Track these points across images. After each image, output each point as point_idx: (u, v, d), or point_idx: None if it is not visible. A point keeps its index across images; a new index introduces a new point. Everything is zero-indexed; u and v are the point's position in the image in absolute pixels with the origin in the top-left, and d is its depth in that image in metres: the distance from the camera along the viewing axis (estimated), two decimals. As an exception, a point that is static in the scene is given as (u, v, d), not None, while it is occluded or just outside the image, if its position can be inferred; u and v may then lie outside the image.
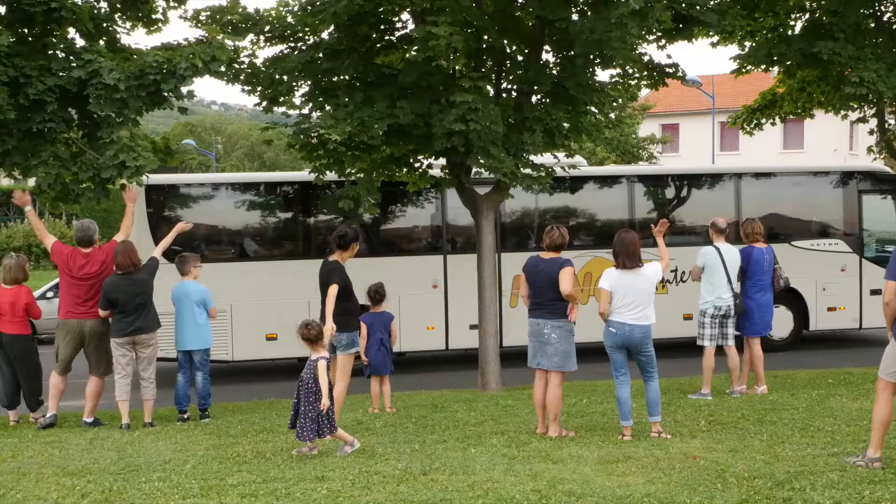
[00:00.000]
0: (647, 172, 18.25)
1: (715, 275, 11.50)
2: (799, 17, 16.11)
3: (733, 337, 11.68)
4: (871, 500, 6.51)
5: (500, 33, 12.41)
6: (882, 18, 15.46)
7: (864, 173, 17.68)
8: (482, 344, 13.05)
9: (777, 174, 18.09)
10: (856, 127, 28.31)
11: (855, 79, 13.91)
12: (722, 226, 11.77)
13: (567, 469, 7.72)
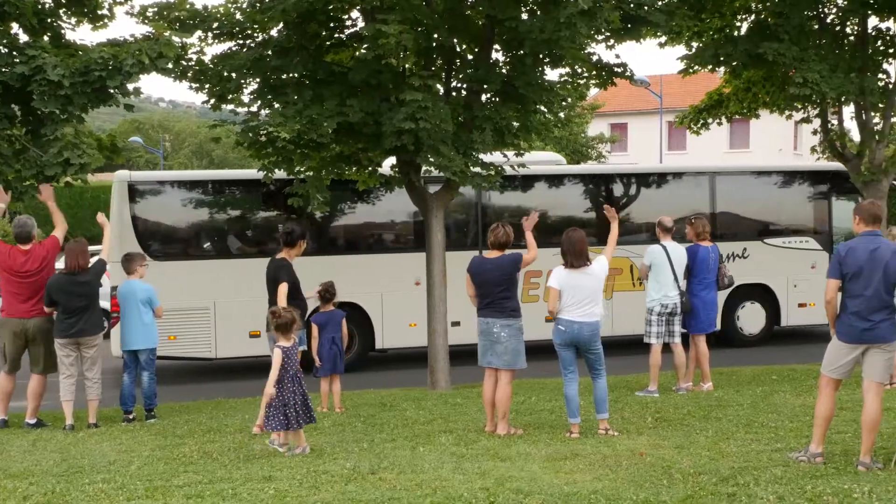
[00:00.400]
0: (630, 171, 18.48)
1: (662, 273, 11.62)
2: (745, 19, 16.31)
3: (680, 335, 11.80)
4: (812, 494, 6.61)
5: (450, 32, 12.43)
6: (825, 20, 15.71)
7: (835, 173, 18.12)
8: (431, 343, 13.07)
9: (751, 173, 18.60)
10: (800, 127, 28.74)
11: (799, 79, 14.11)
12: (668, 224, 11.88)
13: (515, 467, 7.75)
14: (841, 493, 6.57)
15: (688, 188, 18.15)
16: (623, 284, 16.93)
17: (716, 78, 18.21)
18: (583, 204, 17.76)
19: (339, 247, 16.76)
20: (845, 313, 7.52)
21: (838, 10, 15.58)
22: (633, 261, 16.66)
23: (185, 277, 11.61)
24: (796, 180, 18.52)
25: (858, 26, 15.70)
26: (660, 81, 42.61)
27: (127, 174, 15.67)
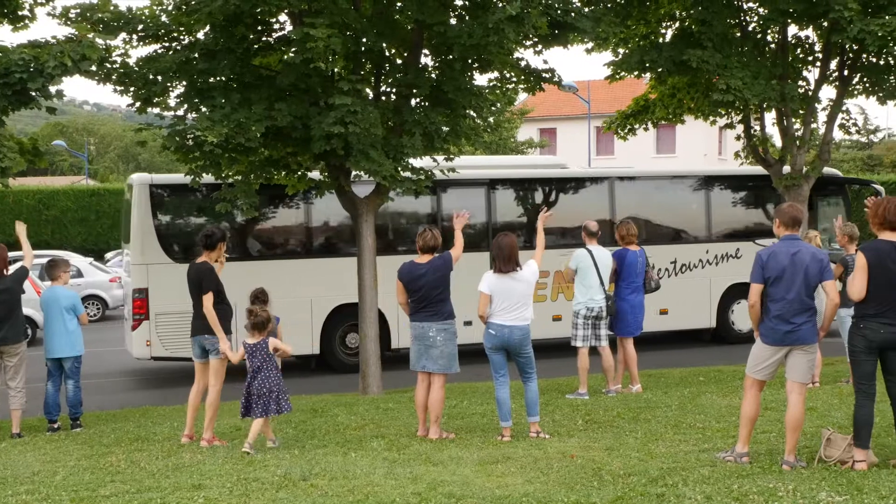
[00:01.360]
0: (620, 174, 18.92)
1: (587, 277, 11.72)
2: (669, 26, 16.57)
3: (606, 338, 11.91)
4: (739, 493, 6.73)
5: (379, 36, 12.41)
6: (747, 29, 16.04)
7: (820, 177, 18.46)
8: (363, 347, 13.03)
9: (737, 177, 19.08)
10: (724, 132, 29.29)
11: (722, 86, 14.37)
12: (593, 229, 11.98)
13: (447, 471, 7.76)
14: (766, 492, 6.70)
15: (684, 190, 18.75)
16: None
17: (642, 84, 18.46)
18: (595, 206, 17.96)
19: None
20: (768, 316, 7.67)
21: (759, 19, 15.91)
22: None
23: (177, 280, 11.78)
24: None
25: (779, 35, 16.06)
26: (587, 87, 43.07)
27: (148, 177, 15.82)
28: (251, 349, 9.09)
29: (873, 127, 58.93)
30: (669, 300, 17.06)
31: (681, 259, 17.83)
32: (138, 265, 15.03)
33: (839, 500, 6.46)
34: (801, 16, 14.83)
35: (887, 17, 13.40)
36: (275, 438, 9.24)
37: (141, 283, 14.90)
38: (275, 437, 9.29)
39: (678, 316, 17.59)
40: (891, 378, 7.53)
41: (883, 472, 7.24)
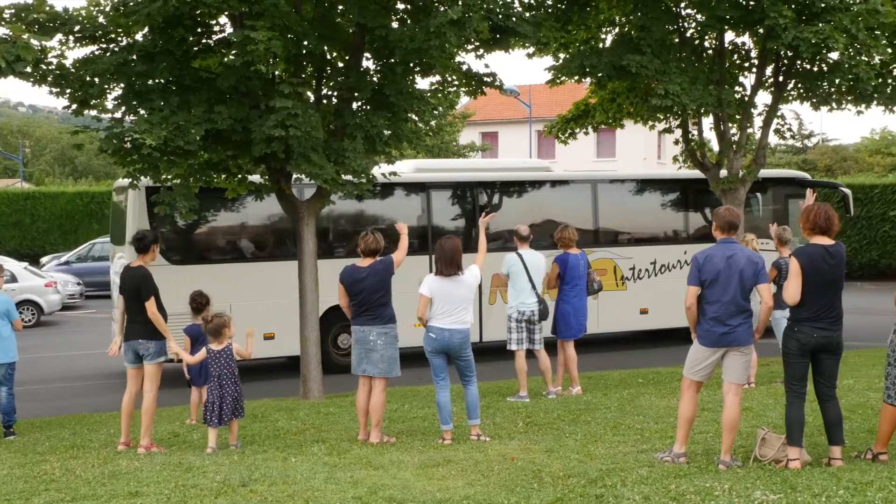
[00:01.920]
0: (607, 177, 19.52)
1: (518, 281, 11.79)
2: (609, 31, 16.74)
3: (541, 341, 11.98)
4: (676, 493, 6.82)
5: (320, 39, 12.36)
6: (685, 35, 16.24)
7: (790, 179, 19.52)
8: (304, 351, 12.95)
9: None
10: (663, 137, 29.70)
11: (661, 91, 14.54)
12: (524, 233, 12.06)
13: (388, 475, 7.75)
14: (703, 492, 6.79)
15: (668, 195, 19.21)
16: (608, 284, 17.50)
17: (583, 88, 18.62)
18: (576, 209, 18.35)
19: (347, 249, 16.69)
20: (705, 318, 7.79)
21: (697, 25, 16.12)
22: (617, 262, 17.86)
23: (201, 281, 11.70)
24: (759, 186, 19.36)
25: (716, 41, 16.29)
26: (529, 91, 43.34)
27: (144, 180, 15.55)
28: (215, 355, 9.19)
29: (808, 132, 60.08)
30: (650, 300, 17.46)
31: (660, 260, 18.23)
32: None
33: (773, 498, 6.57)
34: (737, 22, 15.07)
35: (820, 25, 13.66)
36: (226, 443, 9.29)
37: None
38: (215, 444, 9.22)
39: (658, 315, 17.90)
40: (821, 380, 7.70)
41: (816, 470, 7.39)
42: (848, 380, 11.40)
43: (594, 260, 17.20)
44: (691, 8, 15.96)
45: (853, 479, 6.98)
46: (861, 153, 55.92)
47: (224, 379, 9.20)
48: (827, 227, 7.61)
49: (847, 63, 14.25)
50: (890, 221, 29.78)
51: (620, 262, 17.88)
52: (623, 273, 17.92)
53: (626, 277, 17.92)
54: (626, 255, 17.96)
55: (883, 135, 58.62)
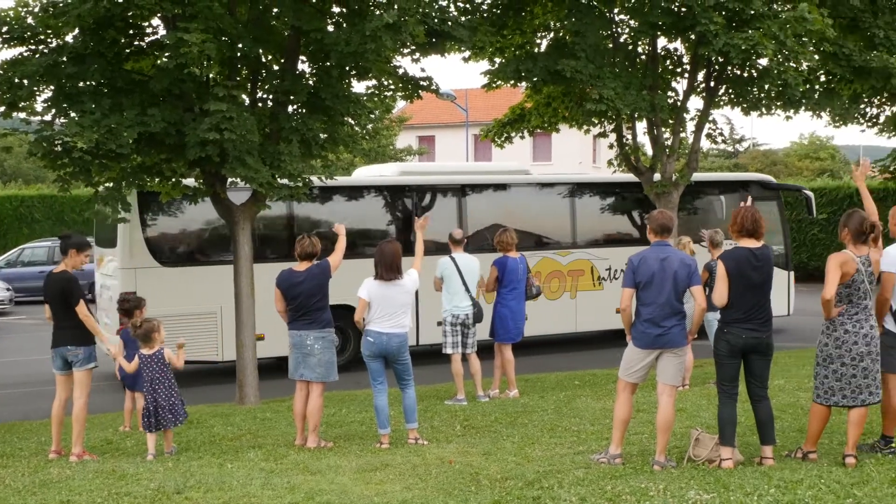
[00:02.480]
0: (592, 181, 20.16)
1: (452, 284, 11.82)
2: (544, 36, 16.86)
3: (474, 345, 12.02)
4: (612, 494, 6.88)
5: (255, 42, 12.26)
6: (619, 40, 16.44)
7: (756, 182, 20.03)
8: (240, 356, 12.84)
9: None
10: (598, 141, 30.03)
11: (595, 96, 14.70)
12: (457, 237, 12.11)
13: (325, 480, 7.72)
14: (638, 492, 6.87)
15: (636, 200, 19.26)
16: (584, 285, 18.03)
17: (518, 93, 18.72)
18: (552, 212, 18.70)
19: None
20: (639, 320, 7.89)
21: (630, 31, 16.33)
22: (594, 263, 18.25)
23: (192, 283, 11.54)
24: (727, 189, 20.11)
25: (649, 46, 16.51)
26: (465, 95, 43.46)
27: None
28: (147, 360, 9.11)
29: (739, 137, 61.21)
30: None
31: None
32: (127, 269, 15.10)
33: (707, 497, 6.67)
34: (669, 29, 15.29)
35: (750, 32, 13.91)
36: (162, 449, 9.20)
37: (129, 287, 14.93)
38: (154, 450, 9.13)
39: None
40: (753, 380, 7.83)
41: (748, 469, 7.51)
42: (779, 380, 11.62)
43: (573, 261, 17.43)
44: (625, 14, 16.16)
45: (784, 477, 7.11)
46: (790, 157, 57.12)
47: (157, 384, 9.10)
48: (753, 230, 7.74)
49: (776, 69, 14.53)
50: (818, 224, 30.42)
51: (598, 262, 18.27)
52: (600, 274, 18.31)
53: (603, 278, 18.33)
54: (602, 257, 18.36)
55: (811, 139, 59.99)
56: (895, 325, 7.88)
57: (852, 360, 7.54)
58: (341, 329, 15.54)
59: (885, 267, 7.84)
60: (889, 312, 7.89)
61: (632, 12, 15.51)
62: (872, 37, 15.64)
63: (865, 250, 7.65)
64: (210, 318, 14.98)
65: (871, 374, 7.58)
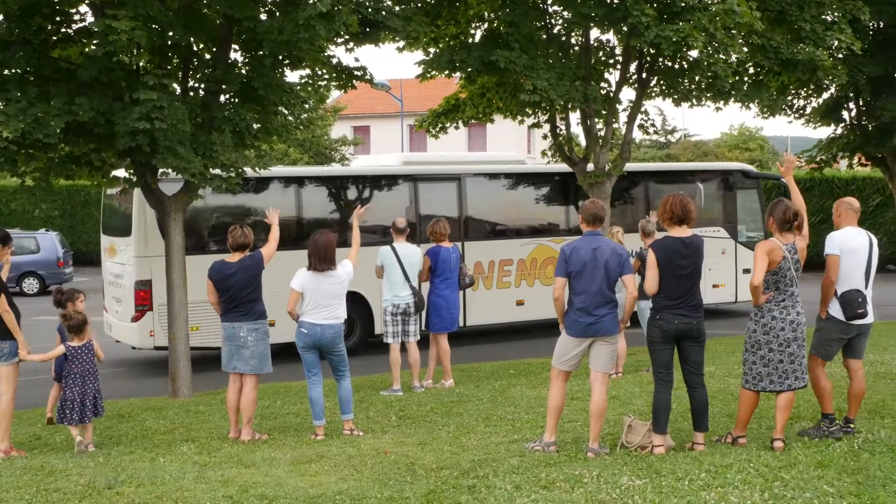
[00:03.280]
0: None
1: (392, 274, 11.82)
2: (479, 27, 16.89)
3: (415, 334, 12.03)
4: (546, 481, 6.94)
5: (186, 30, 12.09)
6: (552, 31, 16.53)
7: (738, 171, 20.67)
8: (172, 349, 12.69)
9: (670, 172, 21.63)
10: (533, 131, 30.21)
11: (529, 86, 14.77)
12: (401, 226, 12.10)
13: (260, 472, 7.67)
14: (572, 479, 6.94)
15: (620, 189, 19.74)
16: None
17: (453, 83, 18.74)
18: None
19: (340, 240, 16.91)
20: (572, 309, 7.95)
21: (564, 22, 16.43)
22: None
23: (204, 270, 11.21)
24: (709, 178, 20.73)
25: (582, 38, 16.64)
26: (400, 85, 43.34)
27: None
28: (76, 352, 8.95)
29: (671, 127, 61.94)
30: None
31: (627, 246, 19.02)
32: (142, 258, 15.33)
33: (639, 483, 6.76)
34: (602, 20, 15.41)
35: (681, 24, 14.09)
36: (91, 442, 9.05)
37: (144, 276, 15.22)
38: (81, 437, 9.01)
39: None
40: (689, 367, 7.95)
41: (679, 455, 7.63)
42: (709, 367, 11.76)
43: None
44: (558, 5, 16.25)
45: (714, 462, 7.24)
46: (721, 148, 57.97)
47: (87, 376, 8.96)
48: (684, 217, 7.85)
49: (706, 61, 14.74)
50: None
51: None
52: None
53: None
54: None
55: (741, 130, 60.94)
56: (840, 312, 8.05)
57: (779, 346, 7.71)
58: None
59: (829, 250, 8.04)
60: (834, 297, 8.06)
61: (565, 4, 15.60)
62: (799, 30, 15.92)
63: (791, 238, 7.82)
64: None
65: (798, 359, 7.75)
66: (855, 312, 7.99)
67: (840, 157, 20.22)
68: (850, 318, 8.02)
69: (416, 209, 17.80)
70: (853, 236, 8.13)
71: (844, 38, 15.90)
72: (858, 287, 8.04)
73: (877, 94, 18.01)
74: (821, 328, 8.21)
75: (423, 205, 17.90)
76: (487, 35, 16.27)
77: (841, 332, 8.11)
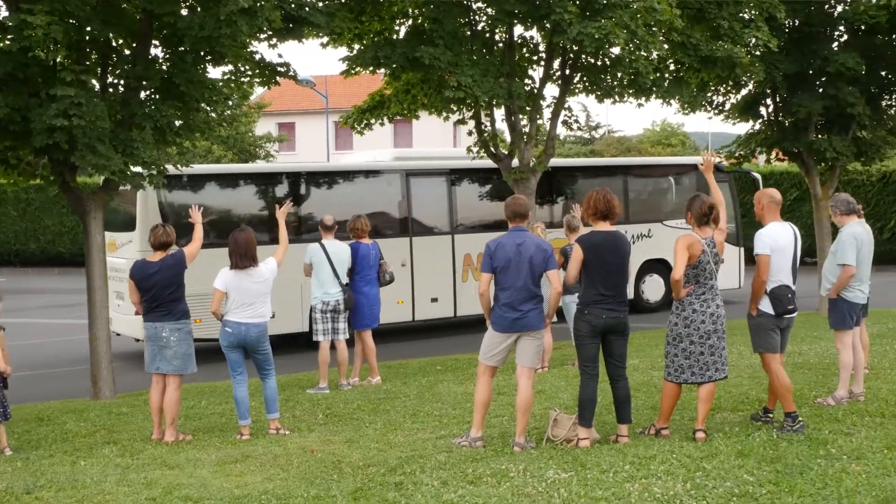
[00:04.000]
0: None
1: (321, 271, 11.77)
2: (403, 23, 16.85)
3: (345, 331, 11.99)
4: (473, 476, 6.99)
5: (105, 25, 11.84)
6: (477, 28, 16.57)
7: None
8: (94, 350, 12.44)
9: (644, 166, 22.42)
10: (458, 127, 30.32)
11: (453, 83, 14.78)
12: (328, 223, 12.05)
13: (184, 474, 7.58)
14: (499, 474, 6.99)
15: (565, 181, 20.56)
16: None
17: (378, 79, 18.68)
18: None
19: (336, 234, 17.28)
20: (498, 304, 8.00)
21: (488, 19, 16.47)
22: None
23: (210, 264, 10.90)
24: (681, 172, 21.51)
25: (506, 34, 16.70)
26: (325, 82, 43.11)
27: None
28: None
29: (594, 124, 62.64)
30: None
31: None
32: (146, 252, 14.46)
33: (565, 476, 6.84)
34: (525, 17, 15.48)
35: (602, 21, 14.22)
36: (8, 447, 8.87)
37: None
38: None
39: None
40: (612, 360, 8.06)
41: (604, 447, 7.74)
42: (633, 360, 11.95)
43: (554, 240, 18.31)
44: (482, 2, 16.28)
45: (638, 454, 7.36)
46: (644, 144, 58.78)
47: None
48: (607, 212, 7.95)
49: (627, 58, 14.91)
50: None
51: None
52: None
53: None
54: None
55: (663, 126, 61.89)
56: (770, 307, 8.20)
57: (700, 338, 7.85)
58: None
59: (759, 249, 8.18)
60: (765, 294, 8.21)
61: (489, 1, 15.64)
62: (718, 27, 16.19)
63: (709, 232, 7.97)
64: None
65: (718, 351, 7.91)
66: (785, 308, 8.16)
67: (758, 153, 20.61)
68: (781, 313, 8.18)
69: (408, 204, 18.26)
70: (780, 232, 8.29)
71: (761, 35, 16.21)
72: (786, 282, 8.20)
73: (793, 90, 18.38)
74: (754, 325, 8.34)
75: (414, 199, 18.34)
76: (412, 31, 16.24)
77: (774, 324, 8.26)
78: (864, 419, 8.35)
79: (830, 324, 9.40)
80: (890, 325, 15.01)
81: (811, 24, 18.19)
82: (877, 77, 18.47)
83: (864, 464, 6.86)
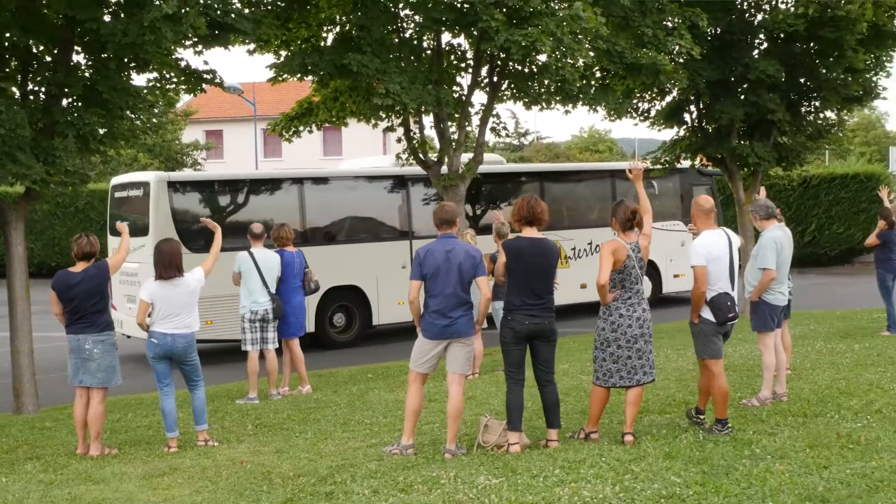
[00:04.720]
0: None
1: (250, 280, 11.66)
2: (330, 30, 16.79)
3: (274, 340, 11.88)
4: (405, 484, 6.97)
5: (25, 32, 11.61)
6: (404, 35, 16.58)
7: (692, 169, 21.70)
8: (16, 363, 12.17)
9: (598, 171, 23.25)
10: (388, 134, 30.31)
11: (382, 90, 14.76)
12: (257, 231, 11.94)
13: (110, 488, 7.44)
14: (430, 481, 6.98)
15: (523, 188, 21.08)
16: None
17: (306, 87, 18.59)
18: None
19: (342, 237, 18.59)
20: (428, 311, 8.00)
21: (416, 26, 16.48)
22: (561, 243, 18.52)
23: (220, 268, 10.62)
24: (666, 176, 21.71)
25: (434, 41, 16.74)
26: (253, 89, 42.76)
27: (165, 175, 17.37)
28: None
29: (524, 130, 63.09)
30: (589, 276, 19.14)
31: (595, 241, 20.08)
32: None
33: (496, 482, 6.86)
34: (452, 24, 15.52)
35: (529, 29, 14.34)
36: None
37: None
38: None
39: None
40: (539, 365, 8.10)
41: (534, 452, 7.78)
42: (563, 364, 12.07)
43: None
44: (410, 9, 16.29)
45: (568, 458, 7.41)
46: (572, 150, 59.44)
47: None
48: (533, 218, 8.00)
49: (554, 65, 15.04)
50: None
51: (564, 243, 19.37)
52: (566, 253, 19.97)
53: (569, 257, 20.05)
54: (568, 238, 19.90)
55: (591, 133, 62.66)
56: (711, 314, 8.29)
57: (627, 342, 7.94)
58: (346, 308, 17.98)
59: (694, 261, 8.23)
60: (704, 303, 8.29)
61: (416, 7, 15.66)
62: (642, 35, 16.42)
63: (634, 237, 8.07)
64: (234, 300, 14.37)
65: (645, 354, 8.00)
66: (726, 317, 8.24)
67: (683, 158, 20.95)
68: (722, 322, 8.27)
69: (409, 208, 19.07)
70: (714, 242, 8.33)
71: (684, 43, 16.49)
72: (726, 289, 8.29)
73: (715, 97, 18.73)
74: (696, 332, 8.40)
75: (414, 204, 19.08)
76: (339, 39, 16.18)
77: (716, 331, 8.34)
78: (787, 419, 8.51)
79: (753, 326, 9.58)
80: (811, 326, 15.35)
81: (732, 32, 18.56)
82: (796, 84, 18.90)
83: (788, 463, 6.99)
